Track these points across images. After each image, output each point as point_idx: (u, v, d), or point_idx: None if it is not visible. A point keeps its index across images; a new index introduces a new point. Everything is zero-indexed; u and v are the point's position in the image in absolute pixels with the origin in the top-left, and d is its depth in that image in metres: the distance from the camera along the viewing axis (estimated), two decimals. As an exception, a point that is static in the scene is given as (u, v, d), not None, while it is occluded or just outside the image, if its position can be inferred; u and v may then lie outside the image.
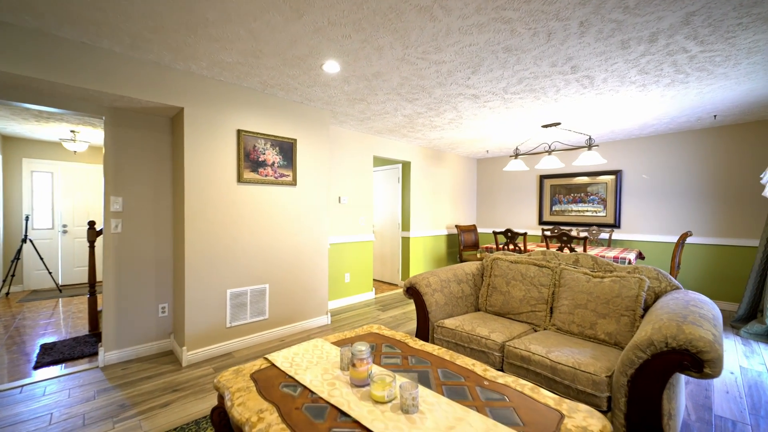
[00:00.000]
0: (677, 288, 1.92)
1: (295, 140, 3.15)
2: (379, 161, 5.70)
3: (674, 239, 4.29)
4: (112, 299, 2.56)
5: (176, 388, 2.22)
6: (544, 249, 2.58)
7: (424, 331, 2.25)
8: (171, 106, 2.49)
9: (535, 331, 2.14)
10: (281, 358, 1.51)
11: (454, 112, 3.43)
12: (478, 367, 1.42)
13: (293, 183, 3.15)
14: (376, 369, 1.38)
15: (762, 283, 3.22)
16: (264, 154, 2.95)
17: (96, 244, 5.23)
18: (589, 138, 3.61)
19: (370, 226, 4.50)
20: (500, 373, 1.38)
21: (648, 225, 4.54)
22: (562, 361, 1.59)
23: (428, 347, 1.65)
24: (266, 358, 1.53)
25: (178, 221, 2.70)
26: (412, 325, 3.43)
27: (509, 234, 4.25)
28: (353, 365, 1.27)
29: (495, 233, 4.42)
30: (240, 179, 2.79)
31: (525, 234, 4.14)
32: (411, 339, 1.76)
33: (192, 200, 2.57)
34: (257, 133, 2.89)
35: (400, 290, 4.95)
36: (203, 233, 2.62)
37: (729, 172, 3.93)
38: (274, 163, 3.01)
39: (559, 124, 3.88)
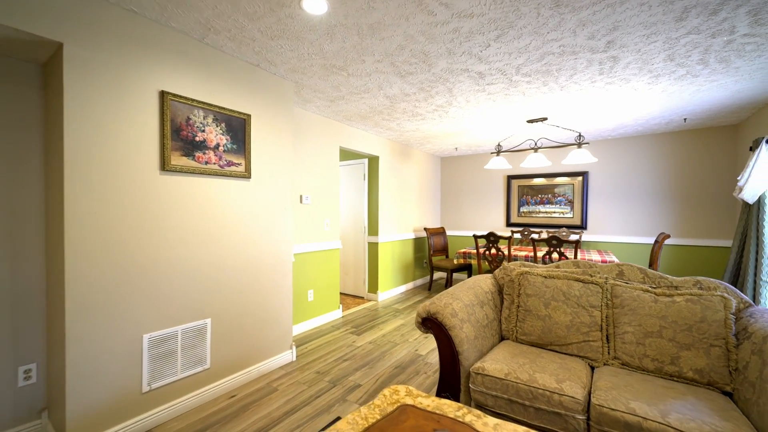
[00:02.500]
0: (750, 305, 1.61)
1: (249, 116, 2.29)
2: (343, 155, 4.96)
3: (641, 240, 4.37)
4: None
5: None
6: (576, 258, 2.16)
7: (451, 380, 1.63)
8: (38, 38, 1.49)
9: (593, 368, 1.68)
10: None
11: (447, 96, 2.89)
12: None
13: (246, 175, 2.28)
14: None
15: (734, 284, 3.31)
16: (203, 131, 2.05)
17: None
18: (579, 135, 3.39)
19: (337, 230, 3.75)
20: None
21: (614, 226, 4.58)
22: (695, 432, 1.11)
23: (507, 431, 1.04)
24: None
25: (53, 231, 1.67)
26: (401, 352, 2.80)
27: (492, 237, 3.88)
28: None
29: (476, 237, 4.02)
30: (165, 166, 1.86)
31: (510, 237, 3.80)
32: (468, 412, 1.13)
33: (78, 197, 1.59)
34: (193, 101, 1.98)
35: (369, 304, 4.28)
36: (99, 249, 1.65)
37: (692, 175, 4.08)
38: (218, 145, 2.13)
39: (545, 119, 3.61)
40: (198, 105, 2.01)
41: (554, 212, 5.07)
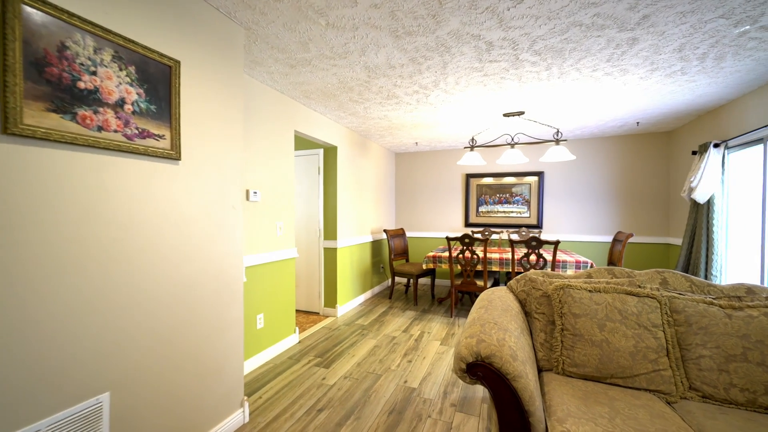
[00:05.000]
0: (805, 312, 1.46)
1: (177, 64, 1.49)
2: (297, 143, 4.16)
3: (595, 238, 4.52)
4: None
5: None
6: (605, 267, 1.86)
7: (520, 452, 1.14)
8: None
9: (669, 404, 1.35)
10: None
11: (438, 72, 2.42)
12: None
13: (173, 154, 1.47)
14: None
15: (685, 277, 3.52)
16: (94, 74, 1.20)
17: None
18: (557, 131, 3.26)
19: (292, 235, 3.00)
20: None
21: (568, 225, 4.70)
22: None
23: None
24: None
25: None
26: (387, 386, 2.22)
27: (466, 240, 3.56)
28: None
29: (448, 238, 3.67)
30: (10, 127, 1.00)
31: (486, 239, 3.52)
32: None
33: None
34: (73, 16, 1.13)
35: (327, 322, 3.60)
36: None
37: (635, 176, 4.34)
38: (123, 101, 1.29)
39: (522, 113, 3.41)
40: (84, 27, 1.16)
41: (512, 212, 5.04)
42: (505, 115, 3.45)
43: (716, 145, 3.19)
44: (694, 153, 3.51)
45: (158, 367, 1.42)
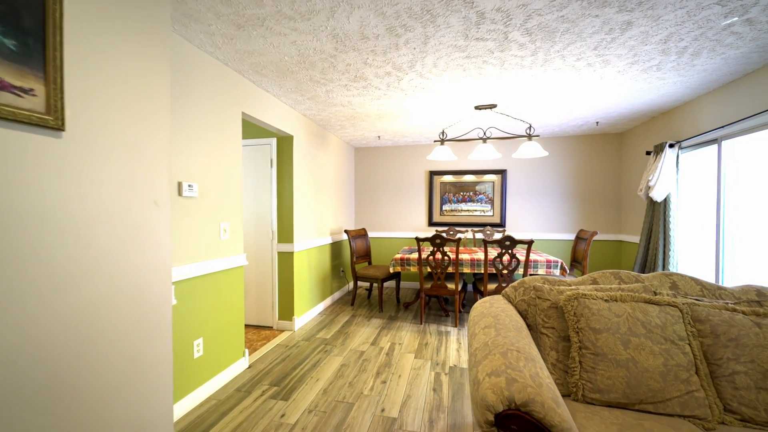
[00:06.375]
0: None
1: (56, -15, 0.97)
2: (245, 131, 3.56)
3: (556, 236, 4.58)
4: None
5: None
6: (610, 270, 1.68)
7: None
8: None
9: (708, 431, 1.17)
10: None
11: (417, 49, 2.11)
12: None
13: (49, 121, 0.95)
14: None
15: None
16: None
17: None
18: (530, 127, 3.14)
19: (240, 238, 2.48)
20: None
21: (529, 224, 4.71)
22: None
23: None
24: None
25: None
26: (363, 419, 1.85)
27: (438, 240, 3.32)
28: None
29: (418, 239, 3.39)
30: None
31: (459, 240, 3.30)
32: None
33: None
34: None
35: (283, 338, 3.11)
36: None
37: (591, 175, 4.47)
38: (-60, 22, 0.76)
39: (495, 106, 3.25)
40: None
41: (476, 210, 4.94)
42: (476, 107, 3.25)
43: (671, 146, 3.32)
44: (648, 153, 3.65)
45: (21, 456, 0.90)
